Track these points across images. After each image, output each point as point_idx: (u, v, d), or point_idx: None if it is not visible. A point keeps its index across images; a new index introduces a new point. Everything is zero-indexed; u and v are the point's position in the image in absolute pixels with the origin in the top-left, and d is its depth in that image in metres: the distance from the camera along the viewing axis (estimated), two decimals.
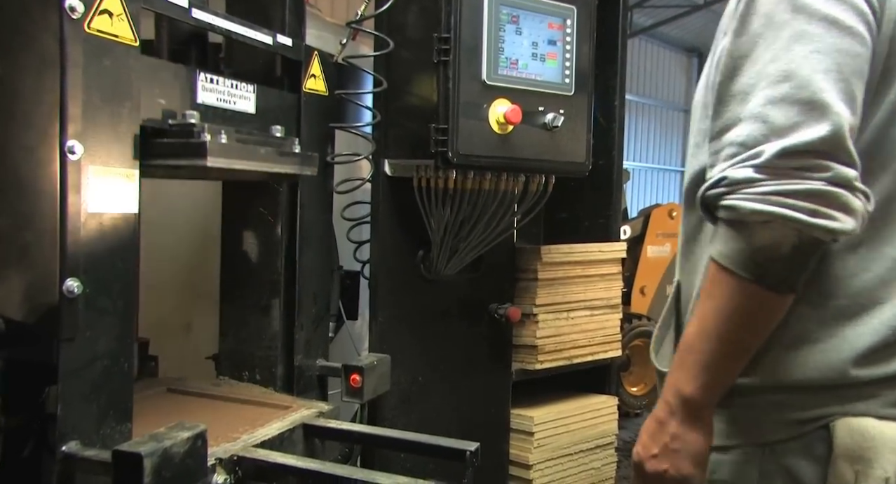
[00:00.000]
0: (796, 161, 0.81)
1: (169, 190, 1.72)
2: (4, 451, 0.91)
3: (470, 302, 1.68)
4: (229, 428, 1.13)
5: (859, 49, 0.83)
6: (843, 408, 0.87)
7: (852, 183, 0.80)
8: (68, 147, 0.88)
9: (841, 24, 0.82)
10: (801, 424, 0.88)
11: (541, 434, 1.75)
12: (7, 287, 0.91)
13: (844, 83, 0.82)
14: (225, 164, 1.00)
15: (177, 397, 1.33)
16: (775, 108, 0.82)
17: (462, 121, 1.36)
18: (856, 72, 0.83)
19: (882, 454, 0.84)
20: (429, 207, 1.49)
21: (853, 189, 0.80)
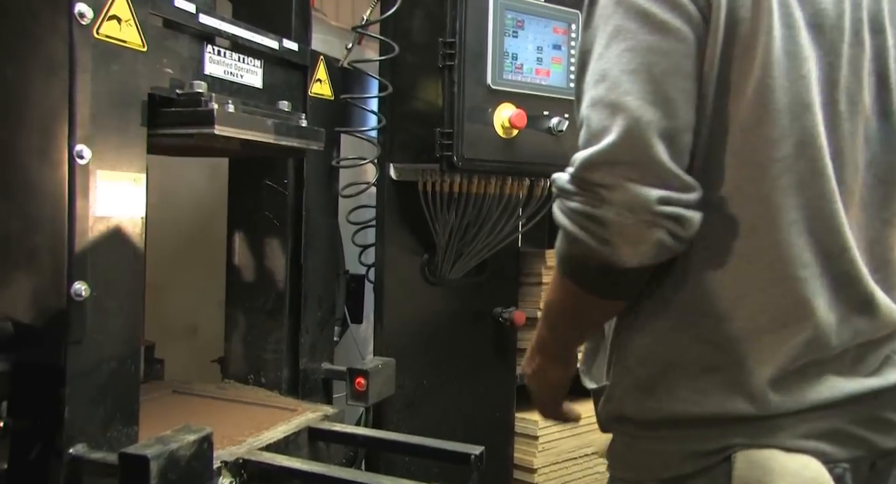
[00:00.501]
0: (598, 175, 0.77)
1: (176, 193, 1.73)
2: (12, 453, 0.92)
3: (474, 306, 1.68)
4: (235, 430, 1.14)
5: (674, 44, 0.77)
6: (747, 439, 0.82)
7: (650, 208, 0.75)
8: (77, 151, 0.88)
9: (654, 20, 0.77)
10: (704, 456, 0.83)
11: (545, 438, 1.75)
12: (15, 290, 0.91)
13: (653, 83, 0.76)
14: (232, 133, 1.01)
15: (182, 399, 1.34)
16: (594, 111, 0.78)
17: (467, 125, 1.36)
18: (670, 70, 0.77)
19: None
20: (434, 211, 1.49)
21: (650, 215, 0.75)
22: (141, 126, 0.98)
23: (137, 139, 0.97)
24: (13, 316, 0.91)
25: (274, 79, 1.27)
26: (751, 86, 0.78)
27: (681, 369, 0.85)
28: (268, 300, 1.39)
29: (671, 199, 0.76)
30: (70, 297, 0.88)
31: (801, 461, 0.81)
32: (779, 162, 0.79)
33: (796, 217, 0.81)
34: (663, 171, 0.76)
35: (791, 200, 0.80)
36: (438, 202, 1.48)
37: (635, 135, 0.75)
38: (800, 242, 0.81)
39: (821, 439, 0.82)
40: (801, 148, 0.80)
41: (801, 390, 0.82)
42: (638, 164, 0.76)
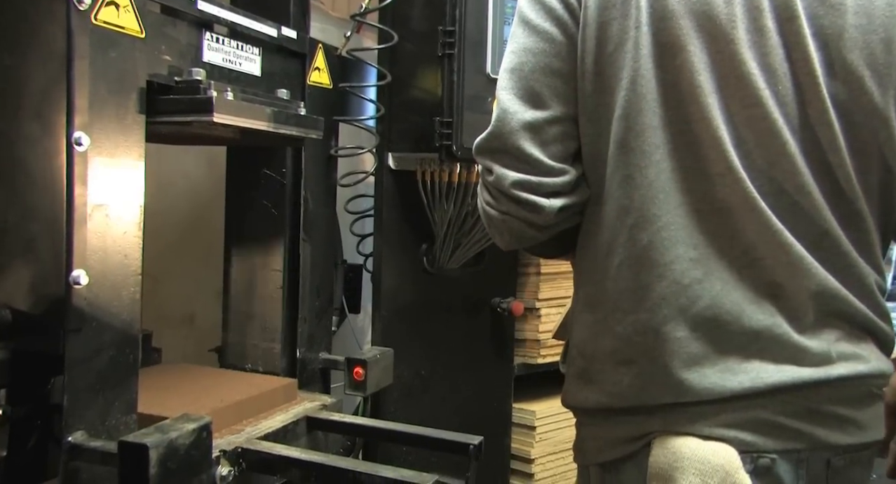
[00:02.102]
0: (479, 159, 0.91)
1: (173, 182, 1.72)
2: (11, 441, 0.92)
3: (472, 296, 1.68)
4: (233, 392, 1.15)
5: (543, 45, 0.87)
6: (666, 426, 0.83)
7: (506, 189, 0.86)
8: (75, 139, 0.88)
9: (530, 24, 0.87)
10: (630, 442, 0.86)
11: (543, 428, 1.75)
12: (14, 278, 0.91)
13: (523, 80, 0.86)
14: (231, 120, 1.01)
15: (178, 368, 1.35)
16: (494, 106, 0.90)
17: (467, 114, 1.36)
18: (538, 67, 0.86)
19: (686, 474, 0.80)
20: (432, 201, 1.49)
21: (506, 198, 0.87)
22: (139, 113, 0.97)
23: (135, 126, 0.96)
24: (12, 304, 0.91)
25: (272, 67, 1.26)
26: (626, 78, 0.83)
27: (601, 362, 0.89)
28: (265, 290, 1.39)
29: (529, 182, 0.85)
30: (69, 284, 0.88)
31: (712, 448, 0.81)
32: (660, 148, 0.83)
33: (685, 199, 0.83)
34: (524, 155, 0.85)
35: (678, 183, 0.83)
36: (437, 192, 1.47)
37: (503, 124, 0.86)
38: (690, 224, 0.83)
39: (743, 429, 0.82)
40: (684, 134, 0.82)
41: (722, 378, 0.82)
42: (502, 151, 0.86)
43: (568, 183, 0.87)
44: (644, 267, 0.84)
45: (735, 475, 0.79)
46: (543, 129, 0.86)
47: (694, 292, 0.82)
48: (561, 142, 0.87)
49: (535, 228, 0.89)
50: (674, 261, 0.83)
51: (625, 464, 0.87)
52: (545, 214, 0.87)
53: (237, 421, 1.13)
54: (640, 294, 0.84)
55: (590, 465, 0.93)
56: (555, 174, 0.86)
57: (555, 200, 0.87)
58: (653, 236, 0.83)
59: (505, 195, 0.86)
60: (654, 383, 0.84)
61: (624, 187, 0.85)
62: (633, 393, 0.86)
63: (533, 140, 0.85)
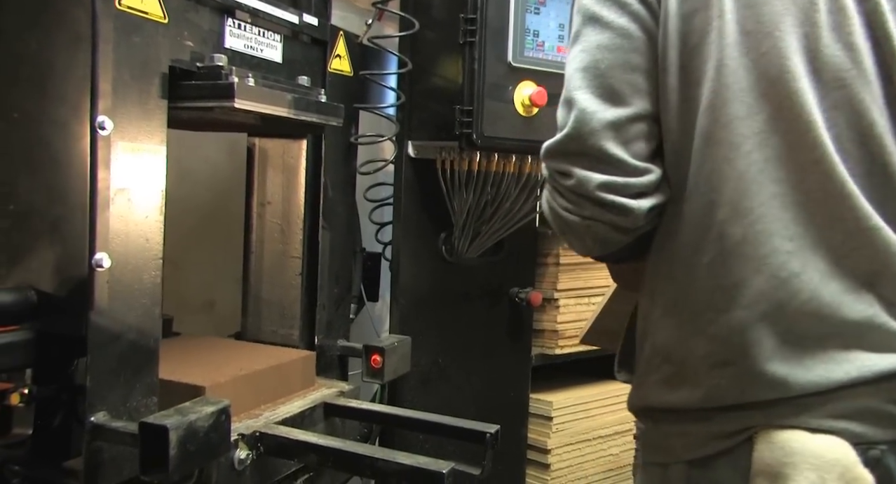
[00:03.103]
0: (553, 163, 0.86)
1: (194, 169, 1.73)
2: (37, 420, 0.93)
3: (491, 286, 1.68)
4: (253, 362, 1.18)
5: (619, 41, 0.83)
6: (769, 419, 0.81)
7: (591, 192, 0.82)
8: (98, 123, 0.89)
9: (601, 21, 0.84)
10: (726, 437, 0.83)
11: (560, 419, 1.75)
12: (39, 260, 0.92)
13: (600, 78, 0.83)
14: (252, 106, 1.01)
15: (200, 339, 1.38)
16: (559, 108, 0.87)
17: (487, 103, 1.35)
18: (615, 64, 0.83)
19: (800, 470, 0.77)
20: (451, 190, 1.49)
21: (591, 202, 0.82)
22: (161, 98, 0.98)
23: (158, 111, 0.97)
24: (37, 286, 0.92)
25: (293, 54, 1.26)
26: (711, 68, 0.81)
27: (693, 366, 0.85)
28: (284, 277, 1.39)
29: (616, 184, 0.82)
30: (91, 267, 0.89)
31: (825, 442, 0.78)
32: (750, 138, 0.81)
33: (778, 190, 0.80)
34: (607, 156, 0.82)
35: (770, 174, 0.80)
36: (456, 180, 1.47)
37: (582, 125, 0.82)
38: (785, 216, 0.80)
39: (851, 419, 0.79)
40: (774, 122, 0.80)
41: (827, 369, 0.80)
42: (582, 153, 0.83)
43: (653, 182, 0.84)
44: (738, 263, 0.81)
45: (854, 470, 0.77)
46: (626, 127, 0.83)
47: (793, 286, 0.80)
48: (643, 140, 0.84)
49: (622, 232, 0.85)
50: (770, 254, 0.80)
51: (718, 460, 0.84)
52: (634, 217, 0.83)
53: (257, 390, 1.15)
54: (735, 292, 0.81)
55: (672, 463, 0.89)
56: (640, 174, 0.83)
57: (643, 201, 0.83)
58: (746, 230, 0.80)
59: (589, 199, 0.82)
60: (755, 383, 0.81)
61: (711, 181, 0.82)
62: (733, 394, 0.82)
63: (616, 139, 0.82)
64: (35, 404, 0.94)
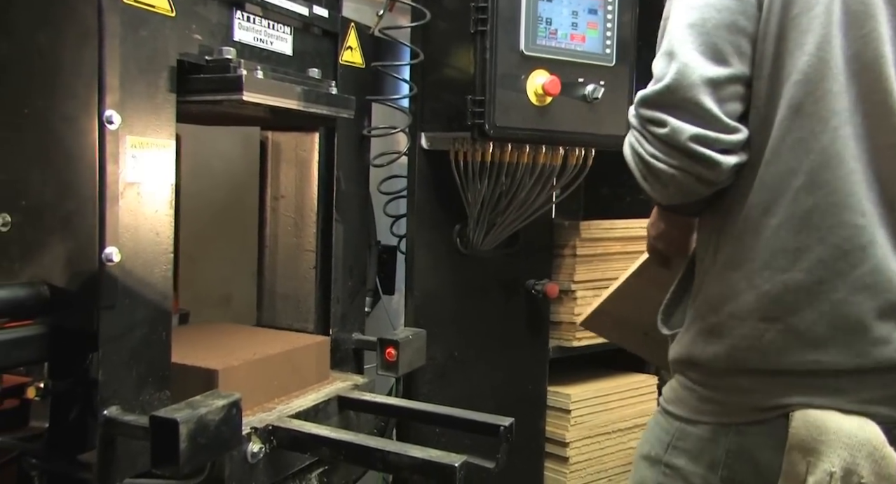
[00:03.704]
0: (648, 111, 0.89)
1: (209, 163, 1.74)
2: (53, 413, 0.94)
3: (507, 278, 1.67)
4: (267, 346, 1.18)
5: (728, 2, 0.86)
6: (806, 398, 0.86)
7: (683, 142, 0.85)
8: (106, 117, 0.89)
9: None
10: (763, 410, 0.88)
11: (578, 412, 1.73)
12: (51, 255, 0.92)
13: (705, 35, 0.86)
14: (261, 99, 1.01)
15: (215, 325, 1.38)
16: (659, 60, 0.90)
17: (499, 92, 1.33)
18: (722, 24, 0.86)
19: (833, 448, 0.83)
20: (465, 181, 1.47)
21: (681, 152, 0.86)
22: (170, 92, 0.97)
23: (166, 105, 0.97)
24: (49, 281, 0.92)
25: (304, 46, 1.25)
26: (811, 42, 0.85)
27: (739, 319, 0.90)
28: (298, 270, 1.39)
29: (707, 137, 0.85)
30: (102, 262, 0.89)
31: (857, 422, 0.83)
32: (838, 114, 0.85)
33: (856, 167, 0.85)
34: (702, 111, 0.85)
35: (851, 151, 0.85)
36: (470, 172, 1.45)
37: (682, 78, 0.85)
38: (859, 191, 0.85)
39: (883, 404, 0.84)
40: (861, 103, 0.85)
41: (867, 348, 0.84)
42: (681, 104, 0.85)
43: (741, 141, 0.88)
44: (805, 229, 0.86)
45: (882, 450, 0.82)
46: (724, 86, 0.86)
47: (855, 258, 0.84)
48: (738, 101, 0.88)
49: (705, 184, 0.89)
50: (837, 225, 0.84)
51: (751, 427, 0.90)
52: (720, 171, 0.87)
53: (271, 375, 1.15)
54: (797, 255, 0.86)
55: (700, 421, 0.95)
56: (731, 131, 0.87)
57: (730, 157, 0.87)
58: (819, 200, 0.85)
59: (680, 149, 0.86)
60: (797, 343, 0.86)
61: (795, 150, 0.86)
62: (773, 350, 0.87)
63: (713, 96, 0.85)
64: (51, 398, 0.94)
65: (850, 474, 0.82)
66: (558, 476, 1.74)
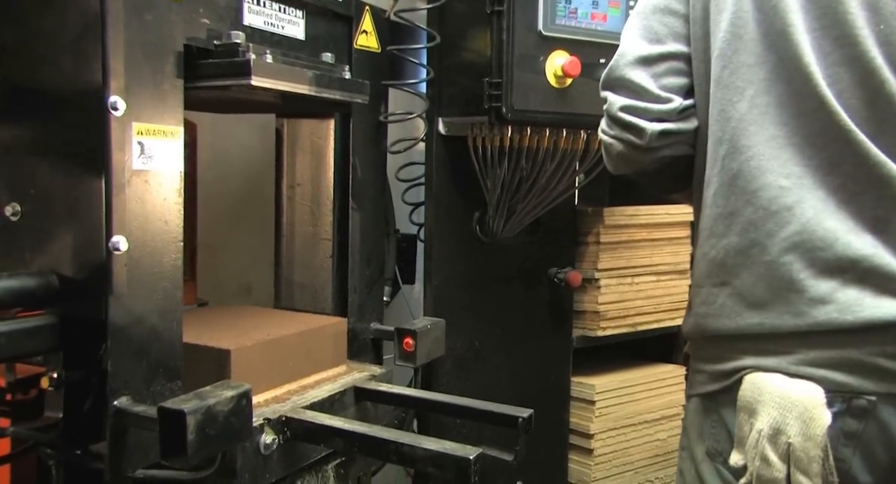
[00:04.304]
0: (601, 91, 1.01)
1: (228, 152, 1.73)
2: (66, 403, 0.93)
3: (528, 266, 1.63)
4: (282, 327, 1.17)
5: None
6: (755, 361, 0.89)
7: (614, 112, 0.96)
8: (111, 103, 0.87)
9: None
10: (726, 375, 0.92)
11: (602, 403, 1.69)
12: (59, 244, 0.92)
13: (644, 20, 0.97)
14: (270, 84, 1.00)
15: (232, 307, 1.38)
16: None
17: (517, 74, 1.29)
18: (658, 9, 0.96)
19: (766, 407, 0.85)
20: (484, 167, 1.44)
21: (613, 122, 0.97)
22: (177, 78, 0.95)
23: (174, 91, 0.95)
24: (58, 270, 0.91)
25: (317, 30, 1.23)
26: (726, 19, 0.90)
27: (698, 286, 0.96)
28: (315, 259, 1.38)
29: (636, 107, 0.94)
30: (109, 251, 0.88)
31: (796, 385, 0.84)
32: (754, 84, 0.89)
33: (778, 132, 0.87)
34: (633, 85, 0.94)
35: (771, 117, 0.88)
36: (489, 157, 1.42)
37: (619, 59, 0.97)
38: (783, 155, 0.87)
39: (832, 368, 0.84)
40: (778, 71, 0.88)
41: (804, 308, 0.84)
42: (616, 82, 0.97)
43: (672, 110, 0.95)
44: (733, 194, 0.90)
45: (813, 410, 0.82)
46: (657, 62, 0.95)
47: (782, 218, 0.86)
48: (673, 75, 0.96)
49: (639, 151, 0.96)
50: (761, 188, 0.87)
51: (722, 396, 0.93)
52: (647, 137, 0.94)
53: (285, 355, 1.13)
54: (731, 219, 0.90)
55: (692, 395, 1.01)
56: (661, 102, 0.95)
57: (656, 124, 0.94)
58: (742, 165, 0.89)
59: (614, 119, 0.96)
60: (743, 305, 0.89)
61: (719, 121, 0.92)
62: (724, 314, 0.91)
63: (645, 72, 0.95)
64: (64, 388, 0.94)
65: (778, 434, 0.84)
66: (583, 468, 1.71)
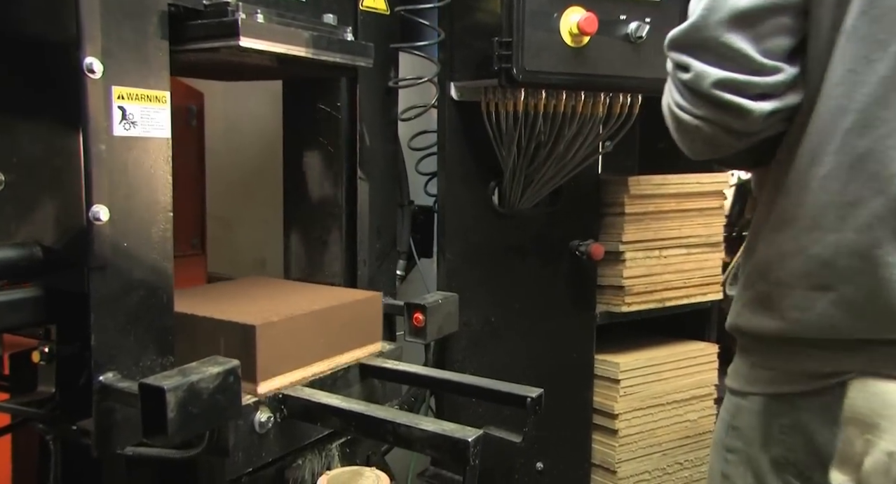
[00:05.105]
0: (675, 54, 0.79)
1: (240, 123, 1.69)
2: (59, 378, 0.91)
3: (548, 238, 1.55)
4: (313, 302, 1.11)
5: None
6: (866, 366, 0.74)
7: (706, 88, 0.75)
8: (86, 65, 0.83)
9: None
10: (819, 378, 0.77)
11: (627, 382, 1.62)
12: (41, 214, 0.89)
13: None
14: (261, 45, 0.94)
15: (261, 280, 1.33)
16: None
17: (529, 32, 1.20)
18: None
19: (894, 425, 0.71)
20: (498, 134, 1.36)
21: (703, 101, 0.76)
22: (161, 39, 0.91)
23: (158, 54, 0.90)
24: (42, 241, 0.89)
25: None
26: None
27: (788, 287, 0.80)
28: (324, 231, 1.33)
29: (735, 81, 0.74)
30: (89, 221, 0.84)
31: None
32: None
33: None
34: (730, 50, 0.74)
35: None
36: (503, 123, 1.34)
37: (710, 13, 0.75)
38: None
39: None
40: None
41: None
42: (705, 44, 0.76)
43: (781, 83, 0.76)
44: (857, 179, 0.73)
45: None
46: (762, 19, 0.74)
47: None
48: (782, 35, 0.76)
49: (735, 136, 0.78)
50: None
51: (804, 399, 0.80)
52: (751, 120, 0.76)
53: (316, 332, 1.07)
54: (848, 211, 0.74)
55: (751, 393, 0.87)
56: (766, 73, 0.75)
57: (764, 103, 0.76)
58: (874, 144, 0.72)
59: (703, 97, 0.76)
60: (857, 314, 0.75)
61: (845, 83, 0.73)
62: (827, 323, 0.76)
63: (745, 33, 0.74)
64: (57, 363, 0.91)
65: None
66: (607, 449, 1.65)
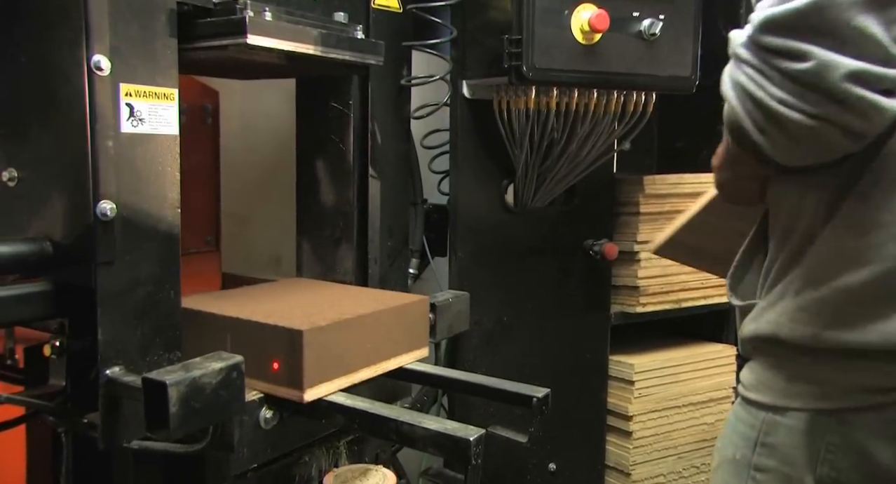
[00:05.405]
0: (777, 39, 0.65)
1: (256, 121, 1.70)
2: (69, 372, 0.92)
3: (562, 237, 1.54)
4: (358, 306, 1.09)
5: None
6: None
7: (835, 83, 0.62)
8: (94, 63, 0.84)
9: None
10: (880, 392, 0.69)
11: (642, 383, 1.60)
12: (51, 210, 0.90)
13: None
14: (269, 43, 0.95)
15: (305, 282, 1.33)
16: None
17: (539, 29, 1.19)
18: None
19: None
20: (510, 132, 1.35)
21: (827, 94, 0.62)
22: (170, 37, 0.91)
23: (166, 51, 0.91)
24: (52, 236, 0.90)
25: None
26: None
27: (854, 296, 0.72)
28: (336, 229, 1.33)
29: (869, 74, 0.62)
30: (97, 217, 0.85)
31: None
32: None
33: None
34: (863, 37, 0.62)
35: None
36: (515, 121, 1.33)
37: None
38: None
39: None
40: None
41: None
42: (832, 29, 0.63)
43: None
44: None
45: None
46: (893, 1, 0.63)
47: None
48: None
49: (852, 138, 0.67)
50: None
51: (859, 415, 0.72)
52: (880, 119, 0.65)
53: (362, 337, 1.04)
54: None
55: (791, 408, 0.78)
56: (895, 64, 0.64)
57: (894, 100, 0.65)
58: None
59: (828, 92, 0.64)
60: None
61: None
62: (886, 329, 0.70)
63: (878, 16, 0.62)
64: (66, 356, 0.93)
65: None
66: (621, 451, 1.63)
